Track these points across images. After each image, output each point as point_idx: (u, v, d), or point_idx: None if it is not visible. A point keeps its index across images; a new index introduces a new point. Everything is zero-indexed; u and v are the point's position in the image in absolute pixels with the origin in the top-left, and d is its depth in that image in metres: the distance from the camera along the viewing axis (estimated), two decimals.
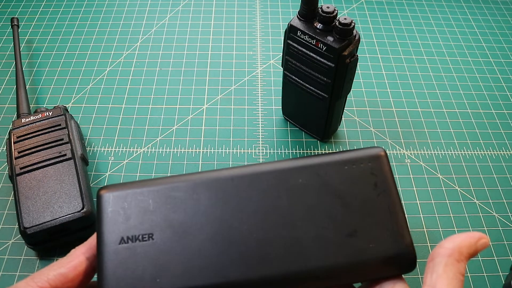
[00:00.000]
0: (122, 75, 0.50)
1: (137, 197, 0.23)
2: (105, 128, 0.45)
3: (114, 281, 0.22)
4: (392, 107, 0.48)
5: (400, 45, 0.55)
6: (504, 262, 0.37)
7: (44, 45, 0.53)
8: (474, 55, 0.54)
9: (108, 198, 0.23)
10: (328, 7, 0.35)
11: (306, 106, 0.42)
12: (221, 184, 0.24)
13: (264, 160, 0.43)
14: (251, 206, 0.24)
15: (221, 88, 0.49)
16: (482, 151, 0.44)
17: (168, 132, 0.45)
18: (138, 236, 0.23)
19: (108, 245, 0.23)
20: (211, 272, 0.22)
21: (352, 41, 0.35)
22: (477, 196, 0.41)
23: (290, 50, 0.38)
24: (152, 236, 0.23)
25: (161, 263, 0.22)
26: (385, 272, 0.23)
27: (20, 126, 0.40)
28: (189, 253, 0.23)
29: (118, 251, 0.22)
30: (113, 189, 0.24)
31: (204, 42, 0.54)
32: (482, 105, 0.49)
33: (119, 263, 0.22)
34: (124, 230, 0.23)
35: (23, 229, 0.34)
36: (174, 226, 0.23)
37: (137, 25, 0.56)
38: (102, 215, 0.23)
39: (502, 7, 0.61)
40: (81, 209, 0.35)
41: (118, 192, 0.24)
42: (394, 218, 0.24)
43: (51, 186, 0.36)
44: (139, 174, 0.42)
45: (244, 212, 0.24)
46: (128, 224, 0.23)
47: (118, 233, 0.23)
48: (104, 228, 0.23)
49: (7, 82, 0.50)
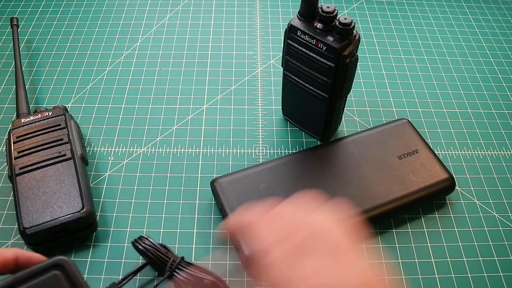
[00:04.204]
0: (122, 75, 0.50)
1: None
2: (104, 128, 0.45)
3: None
4: (392, 107, 0.48)
5: (400, 45, 0.55)
6: (504, 262, 0.37)
7: (43, 45, 0.53)
8: (474, 55, 0.54)
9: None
10: (328, 7, 0.35)
11: (306, 106, 0.42)
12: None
13: (264, 161, 0.43)
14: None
15: (221, 88, 0.49)
16: (483, 151, 0.44)
17: (168, 132, 0.45)
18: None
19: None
20: None
21: (352, 41, 0.35)
22: (477, 196, 0.41)
23: (290, 50, 0.38)
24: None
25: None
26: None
27: (20, 126, 0.40)
28: None
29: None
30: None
31: (204, 42, 0.54)
32: (482, 105, 0.49)
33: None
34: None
35: (23, 229, 0.34)
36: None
37: (137, 25, 0.56)
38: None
39: (502, 7, 0.61)
40: (81, 209, 0.35)
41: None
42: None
43: (50, 186, 0.36)
44: (139, 174, 0.42)
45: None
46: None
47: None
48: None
49: (6, 82, 0.49)
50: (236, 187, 0.37)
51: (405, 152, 0.40)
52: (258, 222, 0.26)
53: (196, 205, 0.40)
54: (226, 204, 0.37)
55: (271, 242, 0.24)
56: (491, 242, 0.38)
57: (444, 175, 0.39)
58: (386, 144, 0.40)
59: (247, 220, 0.27)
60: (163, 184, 0.41)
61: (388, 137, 0.41)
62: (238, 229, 0.28)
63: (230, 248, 0.37)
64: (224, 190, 0.37)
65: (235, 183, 0.38)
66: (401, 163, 0.39)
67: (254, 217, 0.27)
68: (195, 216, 0.39)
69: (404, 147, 0.41)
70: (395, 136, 0.41)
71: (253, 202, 0.36)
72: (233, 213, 0.34)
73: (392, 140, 0.41)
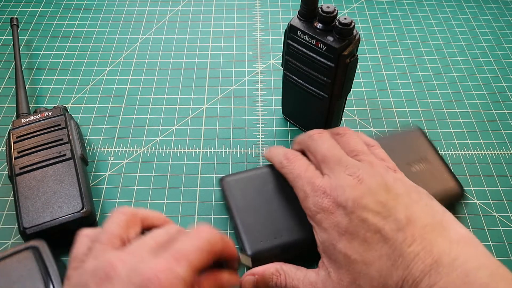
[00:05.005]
0: (122, 75, 0.50)
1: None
2: (104, 128, 0.45)
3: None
4: (392, 107, 0.48)
5: (400, 45, 0.55)
6: (504, 262, 0.36)
7: (43, 45, 0.53)
8: (474, 55, 0.54)
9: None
10: (328, 7, 0.35)
11: (306, 106, 0.42)
12: None
13: (264, 160, 0.43)
14: None
15: (221, 88, 0.49)
16: (483, 151, 0.44)
17: (168, 132, 0.45)
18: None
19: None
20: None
21: (352, 41, 0.35)
22: (477, 196, 0.41)
23: (290, 50, 0.38)
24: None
25: None
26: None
27: (20, 126, 0.40)
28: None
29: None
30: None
31: (204, 42, 0.54)
32: (482, 105, 0.49)
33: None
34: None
35: (23, 229, 0.34)
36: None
37: (137, 25, 0.56)
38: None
39: (502, 7, 0.61)
40: (81, 209, 0.35)
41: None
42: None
43: (50, 186, 0.36)
44: (139, 174, 0.42)
45: None
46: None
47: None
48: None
49: (6, 82, 0.49)
50: (243, 186, 0.37)
51: (415, 160, 0.39)
52: None
53: (196, 205, 0.40)
54: (233, 202, 0.37)
55: None
56: (491, 242, 0.38)
57: (453, 185, 0.38)
58: (396, 151, 0.37)
59: None
60: (163, 184, 0.41)
61: (398, 144, 0.40)
62: None
63: None
64: (232, 189, 0.37)
65: (243, 182, 0.38)
66: (410, 171, 0.38)
67: None
68: (195, 216, 0.39)
69: (414, 155, 0.40)
70: (406, 144, 0.41)
71: (259, 202, 0.36)
72: (239, 212, 0.36)
73: (402, 147, 0.40)
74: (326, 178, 0.31)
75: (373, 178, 0.29)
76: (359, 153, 0.32)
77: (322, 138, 0.34)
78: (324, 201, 0.30)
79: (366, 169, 0.30)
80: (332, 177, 0.31)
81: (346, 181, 0.30)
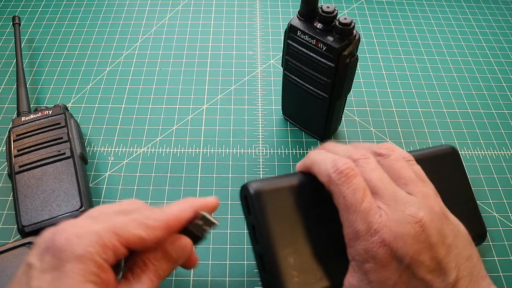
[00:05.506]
0: (122, 75, 0.50)
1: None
2: (104, 128, 0.45)
3: None
4: (392, 107, 0.48)
5: (400, 45, 0.55)
6: (504, 262, 0.37)
7: (43, 45, 0.53)
8: (474, 55, 0.54)
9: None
10: (328, 7, 0.35)
11: (306, 106, 0.42)
12: None
13: (264, 160, 0.43)
14: None
15: (221, 88, 0.49)
16: (482, 151, 0.44)
17: (168, 132, 0.45)
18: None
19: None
20: None
21: (352, 41, 0.35)
22: (478, 196, 0.41)
23: (290, 50, 0.38)
24: None
25: None
26: None
27: (20, 124, 0.40)
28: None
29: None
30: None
31: (204, 42, 0.54)
32: (482, 105, 0.49)
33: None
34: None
35: (21, 228, 0.34)
36: None
37: (137, 25, 0.56)
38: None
39: (502, 7, 0.61)
40: (79, 208, 0.35)
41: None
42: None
43: (49, 185, 0.36)
44: (139, 174, 0.42)
45: None
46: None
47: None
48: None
49: (7, 81, 0.49)
50: (279, 203, 0.28)
51: (447, 189, 0.31)
52: None
53: None
54: (272, 230, 0.27)
55: None
56: (491, 242, 0.38)
57: (481, 229, 0.35)
58: (427, 174, 0.30)
59: None
60: (163, 184, 0.41)
61: (430, 165, 0.31)
62: None
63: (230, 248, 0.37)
64: (267, 206, 0.27)
65: (279, 196, 0.28)
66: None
67: None
68: None
69: (446, 183, 0.34)
70: (438, 166, 0.34)
71: (301, 228, 0.28)
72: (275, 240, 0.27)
73: (435, 169, 0.32)
74: (384, 218, 0.26)
75: (432, 223, 0.26)
76: (408, 182, 0.28)
77: (368, 164, 0.28)
78: (380, 251, 0.25)
79: (424, 209, 0.26)
80: (391, 217, 0.26)
81: (408, 229, 0.25)
